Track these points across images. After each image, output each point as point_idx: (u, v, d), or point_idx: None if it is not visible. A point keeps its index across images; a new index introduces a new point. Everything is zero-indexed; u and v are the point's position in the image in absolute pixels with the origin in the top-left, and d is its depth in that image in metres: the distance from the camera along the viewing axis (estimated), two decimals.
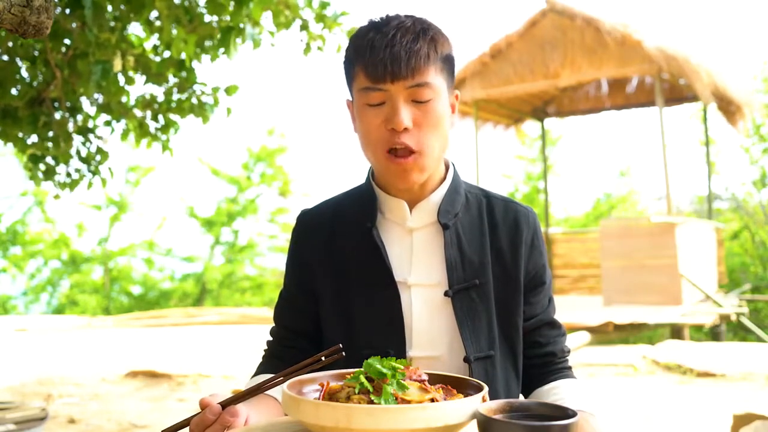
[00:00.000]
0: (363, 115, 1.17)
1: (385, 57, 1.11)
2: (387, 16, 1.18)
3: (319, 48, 3.74)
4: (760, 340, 8.46)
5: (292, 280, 1.32)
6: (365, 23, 1.20)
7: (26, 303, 16.79)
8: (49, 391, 5.59)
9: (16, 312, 16.26)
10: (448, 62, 1.19)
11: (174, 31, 3.24)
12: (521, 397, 1.31)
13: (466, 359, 1.18)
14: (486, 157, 21.33)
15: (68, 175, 3.81)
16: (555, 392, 1.22)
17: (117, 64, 3.13)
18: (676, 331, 7.74)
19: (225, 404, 0.98)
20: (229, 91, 3.82)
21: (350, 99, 1.24)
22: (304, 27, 3.65)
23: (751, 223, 13.47)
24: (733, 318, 8.14)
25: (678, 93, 10.11)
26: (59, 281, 16.91)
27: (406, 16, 1.18)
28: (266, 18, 3.50)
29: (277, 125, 18.16)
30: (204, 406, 0.99)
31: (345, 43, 3.69)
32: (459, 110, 1.33)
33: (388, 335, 1.19)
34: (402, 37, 1.12)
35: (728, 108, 9.87)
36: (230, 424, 0.97)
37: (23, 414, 3.34)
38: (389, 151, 1.15)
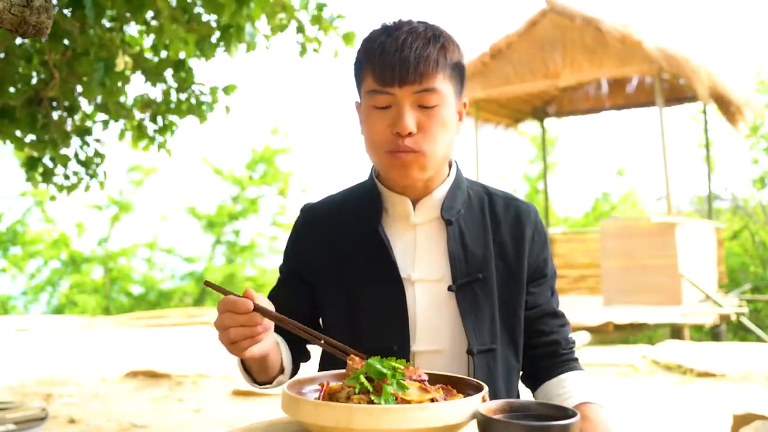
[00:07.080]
0: (369, 117, 1.18)
1: (394, 61, 1.12)
2: (400, 21, 1.20)
3: (315, 50, 3.74)
4: (760, 340, 8.46)
5: (292, 271, 1.33)
6: (378, 27, 1.21)
7: (26, 303, 16.78)
8: (49, 391, 5.58)
9: (16, 312, 16.25)
10: (458, 70, 1.20)
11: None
12: (522, 391, 1.32)
13: (468, 352, 1.19)
14: (486, 157, 21.34)
15: (66, 177, 3.80)
16: (563, 385, 1.24)
17: (120, 62, 3.12)
18: (676, 331, 7.73)
19: (257, 308, 1.00)
20: (227, 90, 3.82)
21: (359, 101, 1.25)
22: (300, 29, 3.65)
23: (751, 223, 13.46)
24: (733, 318, 8.13)
25: (678, 93, 10.10)
26: (59, 281, 16.90)
27: (419, 22, 1.19)
28: (261, 20, 3.49)
29: (280, 125, 18.14)
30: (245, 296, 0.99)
31: (341, 46, 3.70)
32: None
33: (393, 331, 1.20)
34: (412, 42, 1.13)
35: (728, 108, 9.86)
36: (258, 324, 0.99)
37: (23, 414, 3.33)
38: (391, 151, 1.16)
